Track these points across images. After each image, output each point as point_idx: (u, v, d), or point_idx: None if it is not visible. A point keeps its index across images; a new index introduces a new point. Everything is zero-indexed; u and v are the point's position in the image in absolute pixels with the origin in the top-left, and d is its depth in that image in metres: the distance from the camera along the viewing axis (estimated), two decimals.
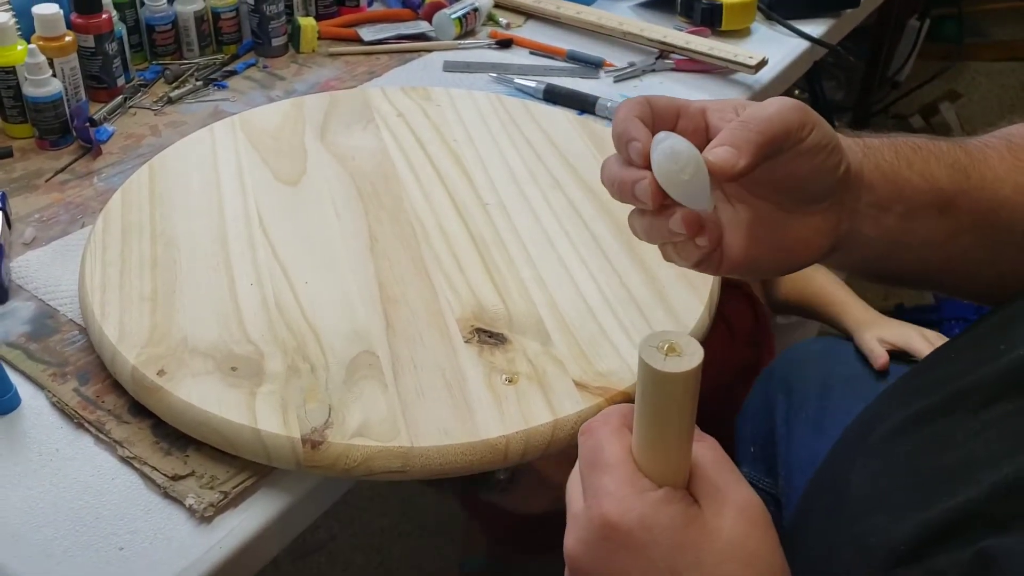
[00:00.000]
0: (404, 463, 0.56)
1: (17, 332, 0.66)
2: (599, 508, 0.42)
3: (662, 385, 0.40)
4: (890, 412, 0.54)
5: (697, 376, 0.40)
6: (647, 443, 0.43)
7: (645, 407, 0.42)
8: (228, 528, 0.55)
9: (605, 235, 0.75)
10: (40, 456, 0.58)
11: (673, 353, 0.40)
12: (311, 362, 0.61)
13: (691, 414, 0.41)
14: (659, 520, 0.42)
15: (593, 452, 0.44)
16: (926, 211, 0.52)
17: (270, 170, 0.80)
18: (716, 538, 0.41)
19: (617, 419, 0.45)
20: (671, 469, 0.43)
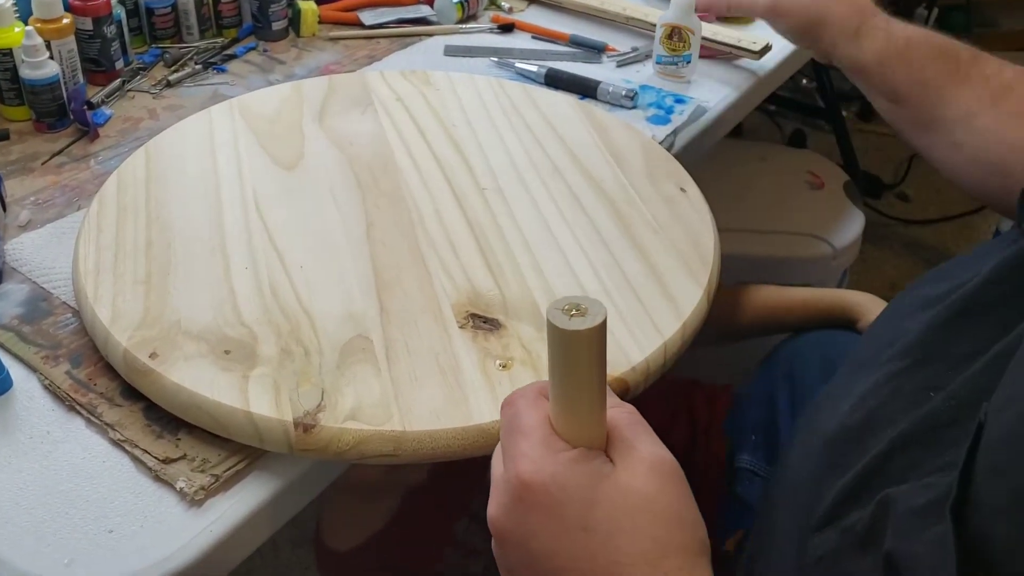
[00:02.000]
0: (396, 447, 0.56)
1: (10, 314, 0.66)
2: (515, 470, 0.43)
3: (568, 344, 0.41)
4: (823, 386, 0.60)
5: (601, 334, 0.41)
6: (560, 405, 0.44)
7: (555, 368, 0.42)
8: (219, 512, 0.55)
9: (604, 221, 0.74)
10: (31, 439, 0.58)
11: (577, 313, 0.41)
12: (305, 346, 0.61)
13: (599, 373, 0.42)
14: (572, 478, 0.42)
15: (511, 420, 0.46)
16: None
17: (267, 154, 0.80)
18: (628, 494, 0.42)
19: (535, 389, 0.47)
20: (585, 430, 0.44)
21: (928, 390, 0.49)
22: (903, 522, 0.46)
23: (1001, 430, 0.40)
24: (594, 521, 0.42)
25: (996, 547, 0.39)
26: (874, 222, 1.59)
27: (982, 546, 0.40)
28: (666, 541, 0.42)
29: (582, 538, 0.42)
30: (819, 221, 1.40)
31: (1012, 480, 0.39)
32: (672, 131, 0.91)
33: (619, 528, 0.42)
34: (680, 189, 0.79)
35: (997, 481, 0.40)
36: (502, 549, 0.45)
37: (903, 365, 0.52)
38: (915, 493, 0.46)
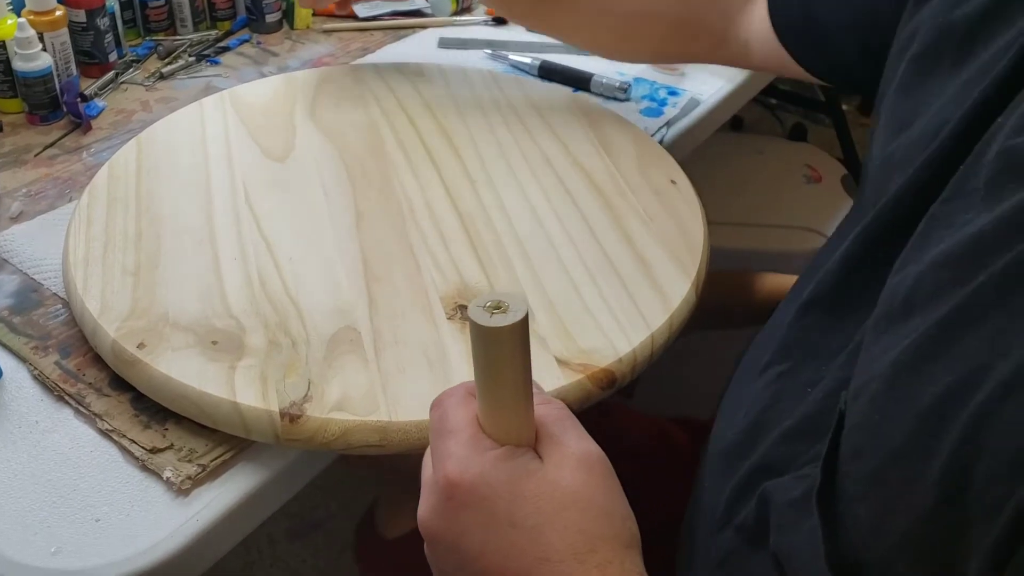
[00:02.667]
0: (382, 437, 0.56)
1: (1, 305, 0.66)
2: (443, 470, 0.43)
3: (490, 341, 0.41)
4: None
5: (524, 330, 0.41)
6: (486, 403, 0.44)
7: (479, 366, 0.43)
8: (205, 501, 0.55)
9: (594, 212, 0.74)
10: (20, 428, 0.58)
11: (499, 311, 0.41)
12: (292, 337, 0.61)
13: (523, 370, 0.42)
14: (499, 475, 0.43)
15: (439, 421, 0.46)
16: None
17: (258, 146, 0.80)
18: (555, 488, 0.42)
19: (463, 389, 0.47)
20: (513, 428, 0.44)
21: (807, 387, 0.50)
22: (782, 517, 0.46)
23: (857, 417, 0.41)
24: (522, 517, 0.42)
25: (860, 531, 0.40)
26: None
27: (848, 533, 0.41)
28: (594, 534, 0.42)
29: (510, 534, 0.42)
30: (816, 215, 1.40)
31: (869, 463, 0.39)
32: (665, 123, 0.91)
33: (547, 523, 0.42)
34: (671, 181, 0.79)
35: (856, 466, 0.40)
36: (433, 551, 0.45)
37: (785, 368, 0.53)
38: (791, 486, 0.47)
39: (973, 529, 0.34)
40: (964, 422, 0.35)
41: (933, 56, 0.51)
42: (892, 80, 0.55)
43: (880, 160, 0.53)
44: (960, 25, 0.50)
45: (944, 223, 0.41)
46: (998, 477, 0.33)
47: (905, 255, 0.43)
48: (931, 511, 0.36)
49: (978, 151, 0.42)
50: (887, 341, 0.40)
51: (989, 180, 0.40)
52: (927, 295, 0.39)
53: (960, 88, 0.47)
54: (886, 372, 0.39)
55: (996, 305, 0.36)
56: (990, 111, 0.43)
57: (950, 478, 0.35)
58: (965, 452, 0.34)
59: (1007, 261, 0.36)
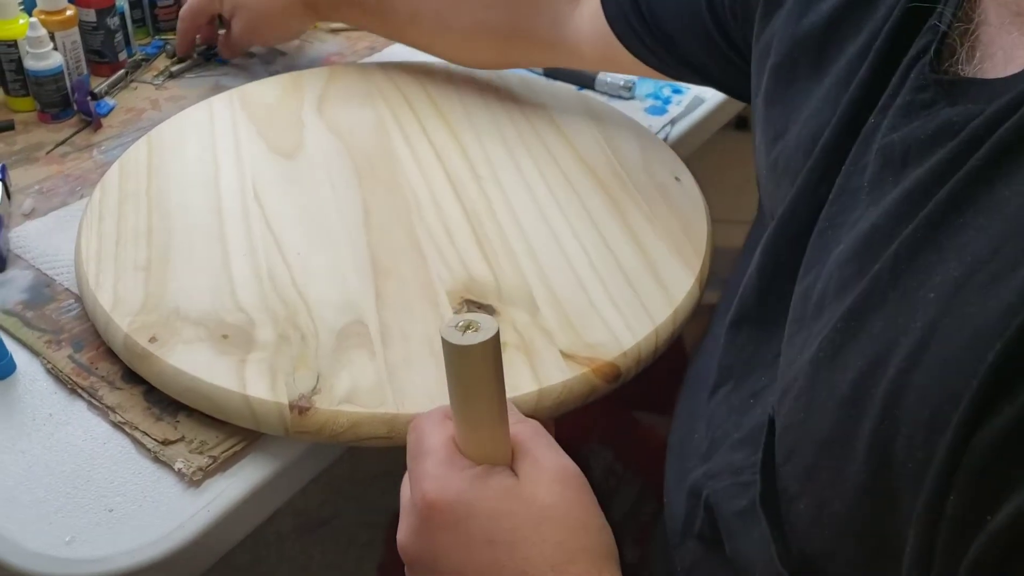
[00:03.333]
0: (390, 429, 0.57)
1: (14, 300, 0.67)
2: (421, 491, 0.44)
3: (462, 360, 0.41)
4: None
5: (495, 348, 0.41)
6: (462, 423, 0.44)
7: (453, 385, 0.43)
8: (216, 492, 0.56)
9: (598, 209, 0.75)
10: (34, 421, 0.59)
11: (470, 330, 0.41)
12: (301, 331, 0.62)
13: (496, 388, 0.43)
14: (475, 493, 0.43)
15: (416, 443, 0.46)
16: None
17: (267, 143, 0.81)
18: (531, 504, 0.43)
19: (439, 412, 0.47)
20: (488, 447, 0.44)
21: (749, 398, 0.52)
22: (731, 525, 0.48)
23: (785, 418, 0.42)
24: (499, 533, 0.42)
25: (804, 527, 0.41)
26: None
27: (793, 531, 0.42)
28: (571, 546, 0.42)
29: (488, 552, 0.42)
30: None
31: (801, 460, 0.41)
32: (669, 121, 0.92)
33: (523, 538, 0.42)
34: (675, 178, 0.79)
35: (791, 465, 0.41)
36: (413, 573, 0.46)
37: (730, 387, 0.54)
38: (734, 493, 0.48)
39: (903, 501, 0.35)
40: (879, 400, 0.36)
41: (789, 66, 0.53)
42: (758, 90, 0.57)
43: (766, 168, 0.55)
44: (810, 34, 0.52)
45: (837, 223, 0.43)
46: (917, 443, 0.34)
47: (807, 261, 0.45)
48: (861, 493, 0.37)
49: (856, 152, 0.44)
50: (801, 342, 0.42)
51: (872, 177, 0.42)
52: (834, 293, 0.41)
53: (825, 94, 0.49)
54: (805, 370, 0.41)
55: (893, 287, 0.37)
56: (860, 114, 0.45)
57: (874, 457, 0.36)
58: (884, 428, 0.36)
59: (896, 246, 0.38)
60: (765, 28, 0.56)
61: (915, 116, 0.41)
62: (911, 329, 0.36)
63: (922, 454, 0.34)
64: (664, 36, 0.70)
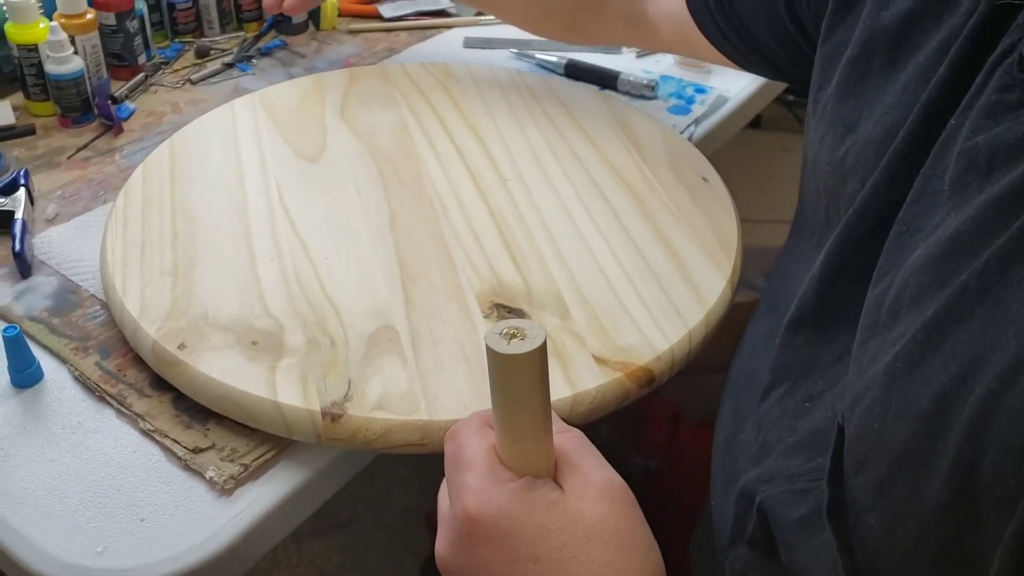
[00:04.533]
0: (423, 436, 0.56)
1: (40, 307, 0.67)
2: (461, 504, 0.42)
3: (508, 369, 0.40)
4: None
5: (541, 358, 0.40)
6: (504, 433, 0.43)
7: (497, 394, 0.42)
8: (248, 500, 0.55)
9: (625, 209, 0.74)
10: (63, 429, 0.59)
11: (515, 338, 0.40)
12: (331, 336, 0.61)
13: (542, 398, 0.41)
14: (519, 508, 0.41)
15: (455, 454, 0.45)
16: None
17: (290, 146, 0.80)
18: (579, 520, 0.41)
19: (478, 420, 0.46)
20: (532, 458, 0.43)
21: (806, 402, 0.50)
22: (788, 534, 0.46)
23: (856, 428, 0.40)
24: (545, 550, 0.41)
25: (873, 541, 0.40)
26: None
27: (861, 544, 0.41)
28: (619, 566, 0.41)
29: (533, 569, 0.41)
30: None
31: (874, 472, 0.39)
32: (693, 121, 0.91)
33: (570, 556, 0.41)
34: (702, 179, 0.78)
35: (862, 477, 0.40)
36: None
37: (785, 389, 0.52)
38: (790, 501, 0.46)
39: (988, 524, 0.34)
40: (965, 418, 0.35)
41: (865, 59, 0.52)
42: (827, 82, 0.55)
43: (829, 164, 0.53)
44: (887, 28, 0.50)
45: (915, 228, 0.42)
46: (1008, 468, 0.33)
47: (881, 264, 0.43)
48: (942, 511, 0.36)
49: (936, 153, 0.43)
50: (875, 350, 0.41)
51: (953, 181, 0.40)
52: (911, 300, 0.40)
53: (901, 90, 0.48)
54: (880, 380, 0.39)
55: (981, 300, 0.36)
56: (939, 114, 0.44)
57: (958, 476, 0.35)
58: (970, 448, 0.34)
59: (986, 257, 0.36)
60: (842, 21, 0.54)
61: (1001, 118, 0.39)
62: (1002, 347, 0.34)
63: (1014, 480, 0.33)
64: (738, 21, 0.69)
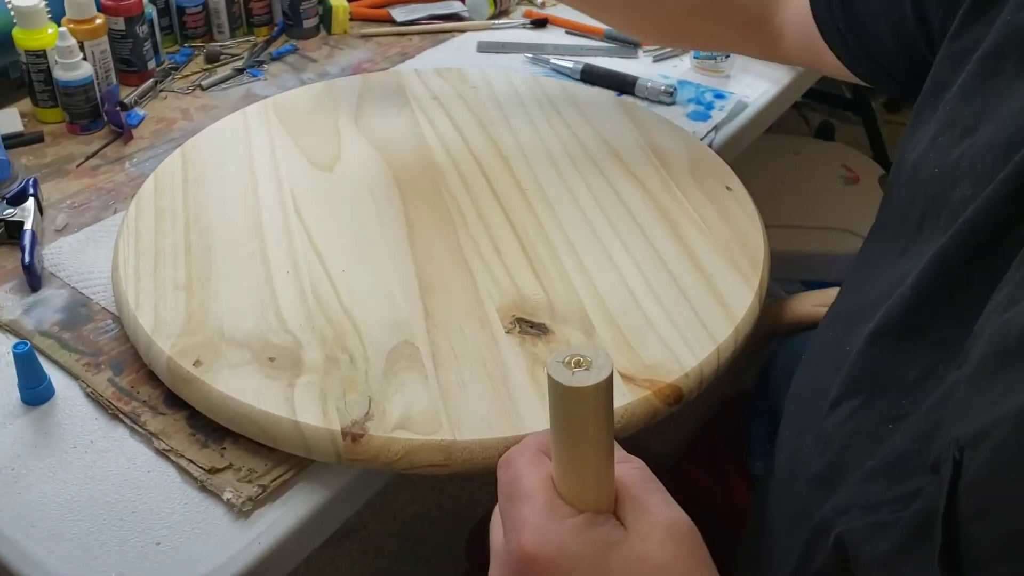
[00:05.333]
0: (446, 457, 0.54)
1: (50, 321, 0.65)
2: (518, 541, 0.40)
3: (573, 402, 0.38)
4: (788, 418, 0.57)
5: (608, 390, 0.38)
6: (564, 465, 0.40)
7: (558, 427, 0.39)
8: (267, 522, 0.54)
9: (648, 221, 0.72)
10: (75, 448, 0.57)
11: (580, 367, 0.37)
12: (350, 353, 0.60)
13: (606, 431, 0.39)
14: (580, 547, 0.39)
15: (510, 484, 0.42)
16: None
17: (304, 155, 0.79)
18: (643, 562, 0.39)
19: (534, 447, 0.43)
20: (592, 492, 0.40)
21: (886, 423, 0.47)
22: (872, 572, 0.43)
23: (979, 470, 0.36)
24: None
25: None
26: None
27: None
28: None
29: None
30: (855, 216, 1.37)
31: (999, 524, 0.35)
32: (712, 127, 0.89)
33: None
34: (726, 187, 0.77)
35: (982, 524, 0.36)
36: None
37: (858, 403, 0.49)
38: (872, 534, 0.43)
39: None
40: None
41: (996, 59, 0.48)
42: (951, 82, 0.52)
43: (938, 167, 0.49)
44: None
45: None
46: None
47: (1013, 291, 0.39)
48: None
49: None
50: (1006, 384, 0.37)
51: None
52: None
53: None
54: (1013, 419, 0.35)
55: None
56: None
57: None
58: None
59: None
60: (979, 18, 0.51)
61: None
62: None
63: None
64: (858, 20, 0.64)
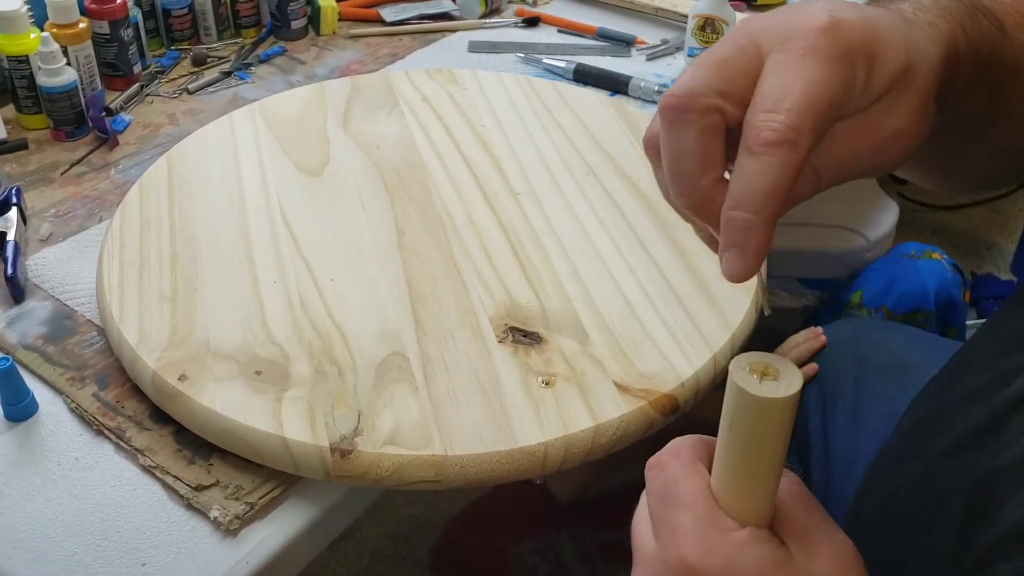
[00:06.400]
0: (438, 472, 0.53)
1: (34, 334, 0.64)
2: (676, 550, 0.38)
3: (760, 413, 0.36)
4: (940, 419, 0.50)
5: (796, 402, 0.36)
6: (733, 478, 0.39)
7: (735, 437, 0.38)
8: (255, 541, 0.52)
9: (643, 225, 0.71)
10: (59, 466, 0.56)
11: (768, 377, 0.36)
12: (338, 365, 0.58)
13: (784, 445, 0.38)
14: (746, 563, 0.38)
15: (666, 488, 0.40)
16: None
17: (292, 160, 0.77)
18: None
19: (690, 451, 0.42)
20: (757, 507, 0.39)
21: None
22: None
23: None
24: None
25: None
26: (902, 208, 1.56)
27: None
28: None
29: None
30: (852, 212, 1.36)
31: None
32: None
33: None
34: None
35: None
36: None
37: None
38: None
39: None
40: None
41: None
42: None
43: None
44: None
45: None
46: None
47: None
48: None
49: None
50: None
51: None
52: None
53: None
54: None
55: None
56: None
57: None
58: None
59: None
60: None
61: None
62: None
63: None
64: None
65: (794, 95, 0.35)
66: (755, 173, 0.35)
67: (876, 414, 0.79)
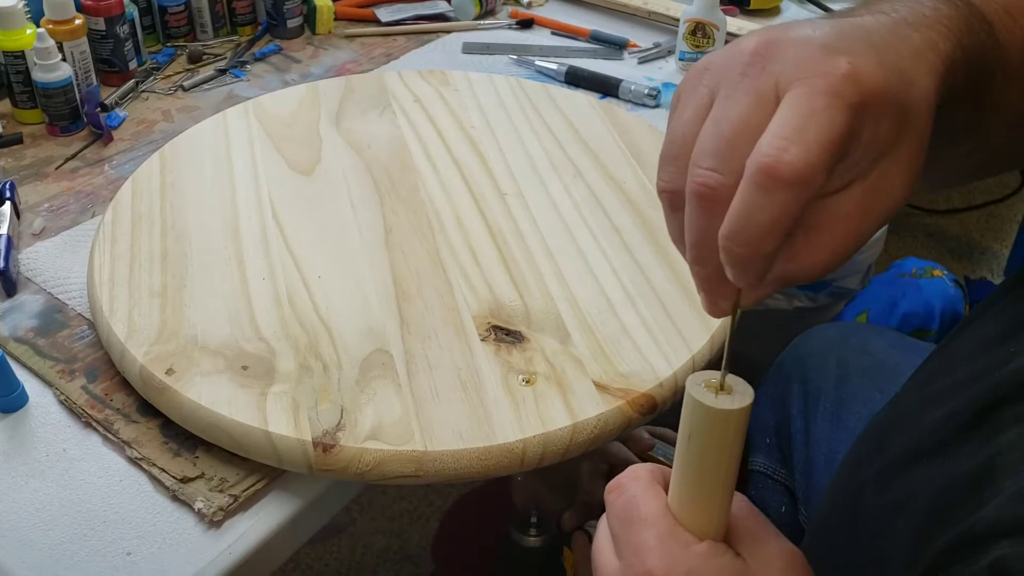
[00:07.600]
0: (418, 468, 0.54)
1: (25, 327, 0.65)
2: (642, 565, 0.40)
3: (715, 423, 0.38)
4: (903, 423, 0.51)
5: (749, 414, 0.38)
6: (691, 493, 0.41)
7: (693, 450, 0.39)
8: (238, 533, 0.53)
9: (628, 227, 0.72)
10: (48, 456, 0.57)
11: (723, 392, 0.38)
12: (324, 361, 0.60)
13: (739, 458, 0.39)
14: (709, 573, 0.39)
15: (627, 509, 0.42)
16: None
17: (284, 159, 0.78)
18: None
19: (648, 474, 0.43)
20: (713, 521, 0.41)
21: None
22: None
23: None
24: None
25: None
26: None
27: None
28: None
29: None
30: None
31: None
32: None
33: None
34: None
35: None
36: None
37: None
38: None
39: None
40: None
41: None
42: None
43: None
44: None
45: None
46: None
47: None
48: None
49: None
50: None
51: None
52: None
53: None
54: None
55: None
56: None
57: None
58: None
59: None
60: None
61: None
62: None
63: None
64: None
65: (814, 128, 0.33)
66: (758, 207, 0.33)
67: (856, 416, 0.80)
